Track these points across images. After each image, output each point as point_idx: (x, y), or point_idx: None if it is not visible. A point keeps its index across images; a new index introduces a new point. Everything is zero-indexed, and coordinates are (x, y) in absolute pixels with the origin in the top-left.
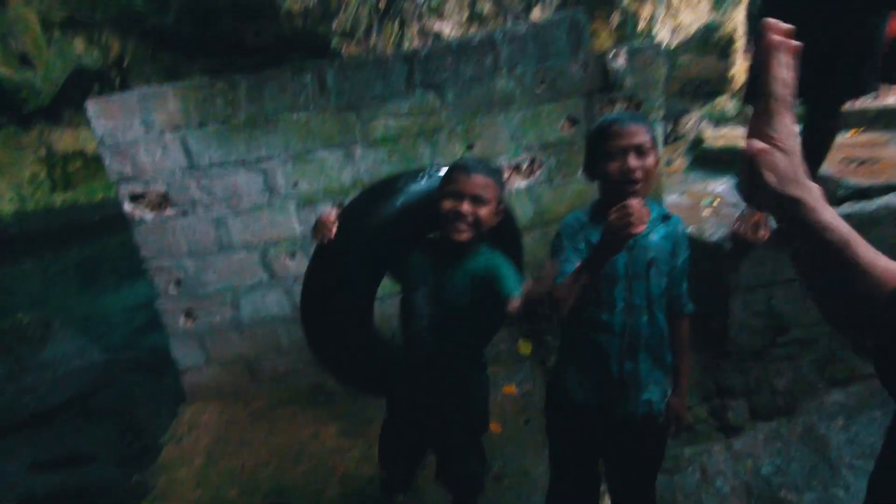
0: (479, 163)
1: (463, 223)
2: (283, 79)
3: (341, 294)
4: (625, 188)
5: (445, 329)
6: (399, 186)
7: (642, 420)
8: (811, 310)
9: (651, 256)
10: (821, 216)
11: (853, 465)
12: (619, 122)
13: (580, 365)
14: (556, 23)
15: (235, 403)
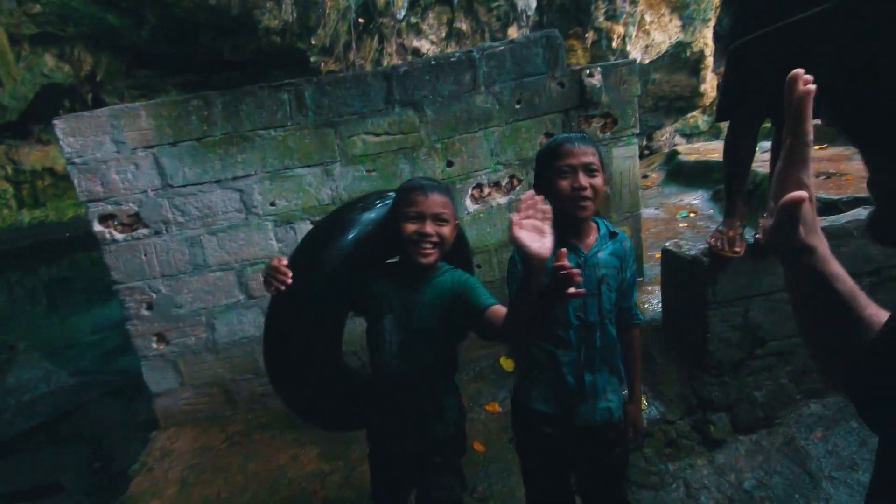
0: (433, 181)
1: (428, 245)
2: (259, 95)
3: (309, 340)
4: (576, 205)
5: (415, 353)
6: (351, 217)
7: (603, 427)
8: (787, 322)
9: (601, 273)
10: (833, 267)
11: (833, 476)
12: (569, 141)
13: (541, 377)
14: (534, 41)
15: (211, 428)
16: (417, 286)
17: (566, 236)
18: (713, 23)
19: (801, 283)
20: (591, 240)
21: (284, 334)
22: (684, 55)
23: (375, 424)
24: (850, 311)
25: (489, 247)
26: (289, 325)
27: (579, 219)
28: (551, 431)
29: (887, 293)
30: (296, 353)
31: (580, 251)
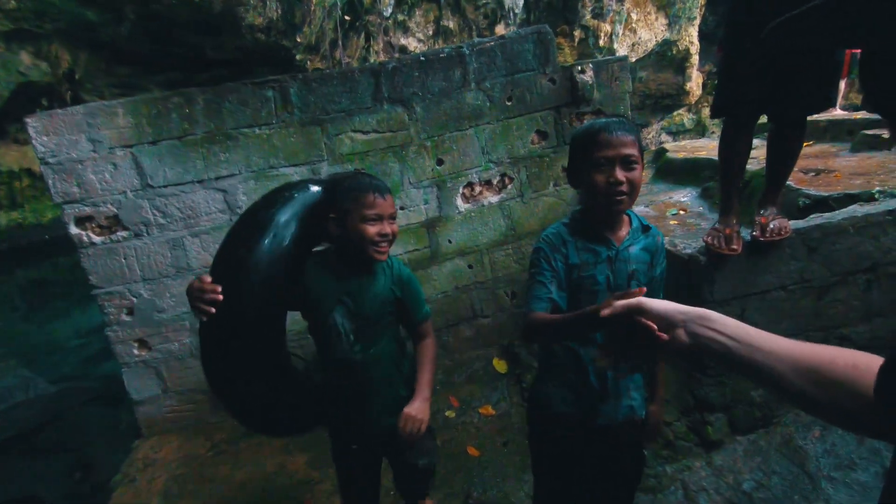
0: (382, 183)
1: (386, 244)
2: (243, 92)
3: (252, 355)
4: (611, 200)
5: (372, 337)
6: (270, 215)
7: (624, 424)
8: (783, 320)
9: (632, 269)
10: (753, 353)
11: (832, 476)
12: (608, 130)
13: (561, 377)
14: (524, 36)
15: (196, 437)
16: (361, 277)
17: (598, 228)
18: (698, 21)
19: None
20: (623, 233)
21: (225, 354)
22: (670, 53)
23: (343, 415)
24: (816, 379)
25: (480, 247)
26: (228, 343)
27: (613, 214)
28: (571, 434)
29: (883, 291)
30: (241, 370)
31: (612, 244)
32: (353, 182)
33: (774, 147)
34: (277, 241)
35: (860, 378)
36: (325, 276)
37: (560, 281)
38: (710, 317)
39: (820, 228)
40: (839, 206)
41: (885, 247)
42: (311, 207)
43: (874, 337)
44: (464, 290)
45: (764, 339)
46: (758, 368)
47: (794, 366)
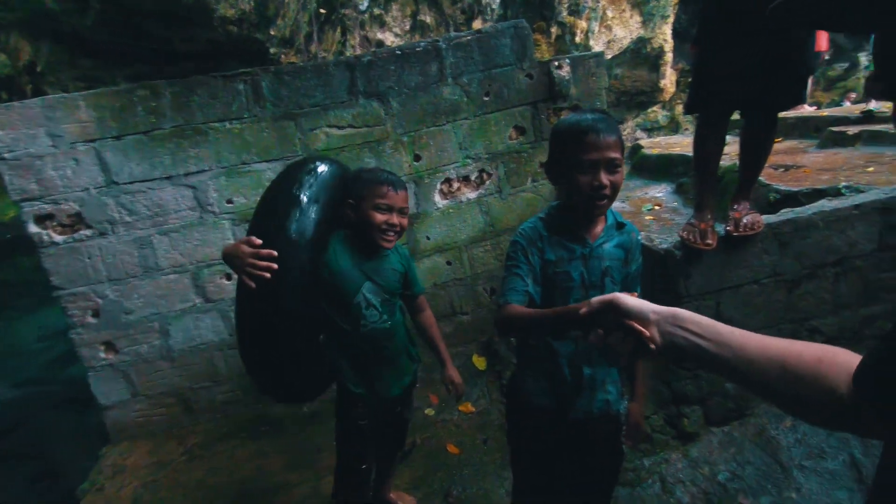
0: (399, 178)
1: (392, 233)
2: (213, 85)
3: (302, 322)
4: (592, 203)
5: (394, 309)
6: (303, 194)
7: (599, 417)
8: (757, 314)
9: (606, 265)
10: (721, 349)
11: (803, 465)
12: (594, 130)
13: (537, 369)
14: (501, 31)
15: (168, 441)
16: (376, 256)
17: (574, 226)
18: (672, 19)
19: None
20: (597, 230)
21: (274, 325)
22: (645, 51)
23: (368, 382)
24: (787, 378)
25: (459, 243)
26: (278, 313)
27: (592, 216)
28: (547, 425)
29: (850, 284)
30: (288, 342)
31: (586, 241)
32: (371, 173)
33: (747, 143)
34: (318, 215)
35: (825, 372)
36: (350, 254)
37: (536, 275)
38: (682, 316)
39: (791, 223)
40: (808, 201)
41: (852, 240)
42: (337, 186)
43: (842, 328)
44: (442, 286)
45: (735, 337)
46: (729, 366)
47: (763, 362)
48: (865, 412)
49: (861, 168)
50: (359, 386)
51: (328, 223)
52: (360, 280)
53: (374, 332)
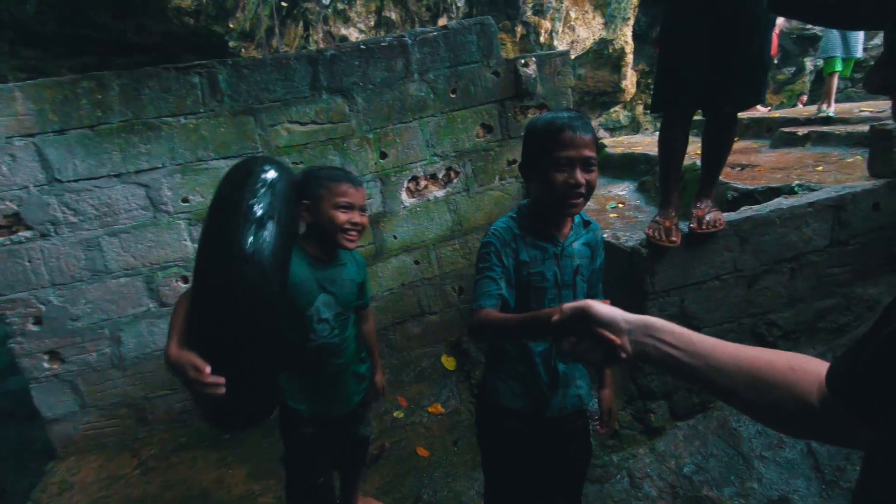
0: (356, 175)
1: (355, 232)
2: (165, 78)
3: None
4: (567, 202)
5: (347, 322)
6: (251, 203)
7: (574, 414)
8: (718, 309)
9: (577, 264)
10: (695, 359)
11: (763, 456)
12: (570, 128)
13: (510, 369)
14: (468, 27)
15: (120, 454)
16: (333, 264)
17: (545, 225)
18: (632, 21)
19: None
20: (566, 229)
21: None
22: (607, 52)
23: (309, 400)
24: (761, 388)
25: (427, 242)
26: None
27: (566, 215)
28: (520, 427)
29: (804, 279)
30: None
31: (557, 240)
32: (327, 171)
33: (708, 143)
34: (280, 231)
35: (797, 380)
36: (303, 264)
37: (509, 277)
38: (654, 325)
39: (750, 220)
40: (764, 199)
41: (807, 237)
42: (292, 194)
43: (798, 322)
44: (410, 286)
45: (706, 346)
46: (701, 375)
47: (735, 371)
48: (838, 414)
49: (811, 167)
50: (299, 402)
51: (291, 238)
52: (315, 292)
53: (322, 347)
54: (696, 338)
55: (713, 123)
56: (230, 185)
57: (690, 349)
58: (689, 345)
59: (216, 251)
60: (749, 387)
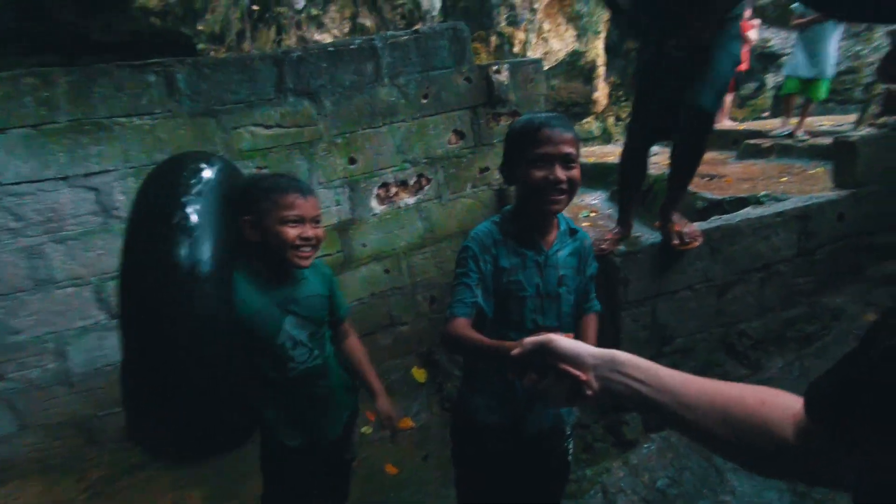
0: (304, 183)
1: (308, 248)
2: (118, 76)
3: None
4: (548, 199)
5: (322, 342)
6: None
7: (551, 432)
8: (690, 319)
9: (561, 274)
10: (660, 395)
11: (736, 468)
12: (548, 125)
13: (486, 385)
14: (440, 32)
15: (65, 478)
16: (296, 281)
17: (528, 230)
18: (604, 35)
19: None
20: (551, 237)
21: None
22: (579, 63)
23: (303, 433)
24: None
25: (397, 251)
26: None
27: (549, 214)
28: (498, 444)
29: (773, 288)
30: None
31: (541, 248)
32: (271, 181)
33: (676, 160)
34: (220, 238)
35: (769, 414)
36: (259, 287)
37: (486, 285)
38: (621, 360)
39: (720, 230)
40: (732, 209)
41: (776, 246)
42: (229, 192)
43: (767, 331)
44: (380, 296)
45: (675, 382)
46: (671, 412)
47: (705, 407)
48: (816, 445)
49: (776, 178)
50: (294, 437)
51: (233, 246)
52: (279, 316)
53: (307, 372)
54: (663, 372)
55: (681, 142)
56: (159, 186)
57: (658, 384)
58: (657, 380)
59: (146, 266)
60: (720, 423)
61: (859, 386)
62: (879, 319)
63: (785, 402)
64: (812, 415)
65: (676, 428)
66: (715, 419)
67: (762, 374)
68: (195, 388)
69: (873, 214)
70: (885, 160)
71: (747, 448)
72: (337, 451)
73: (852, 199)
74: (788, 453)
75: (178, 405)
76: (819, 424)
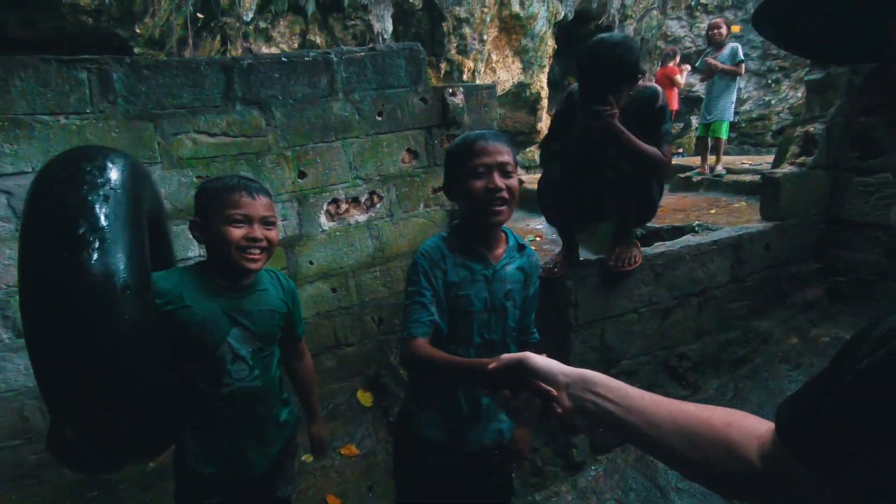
0: (255, 182)
1: (257, 250)
2: (44, 70)
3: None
4: (490, 209)
5: (268, 360)
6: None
7: (492, 448)
8: (635, 341)
9: (508, 288)
10: (636, 416)
11: (678, 487)
12: (482, 138)
13: (431, 399)
14: (396, 51)
15: None
16: (250, 291)
17: (475, 244)
18: (547, 69)
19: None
20: (500, 251)
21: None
22: (524, 95)
23: (220, 460)
24: (697, 445)
25: (346, 269)
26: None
27: (492, 224)
28: (439, 460)
29: (710, 313)
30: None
31: (489, 262)
32: (217, 181)
33: (617, 206)
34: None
35: (735, 436)
36: (208, 292)
37: (440, 300)
38: (593, 379)
39: (663, 255)
40: (669, 237)
41: (712, 272)
42: (143, 191)
43: (705, 354)
44: (326, 316)
45: (644, 402)
46: (639, 433)
47: (672, 428)
48: (782, 468)
49: (706, 209)
50: (209, 464)
51: (145, 247)
52: (226, 326)
53: (240, 392)
54: (633, 393)
55: (619, 189)
56: (57, 184)
57: (628, 405)
58: (627, 400)
59: (52, 279)
60: (686, 444)
61: (837, 402)
62: (850, 342)
63: (751, 425)
64: (783, 436)
65: (644, 448)
66: (681, 440)
67: (700, 395)
68: (113, 399)
69: (795, 245)
70: (804, 196)
71: (713, 469)
72: (263, 488)
73: (777, 230)
74: (752, 474)
75: (94, 413)
76: (790, 445)
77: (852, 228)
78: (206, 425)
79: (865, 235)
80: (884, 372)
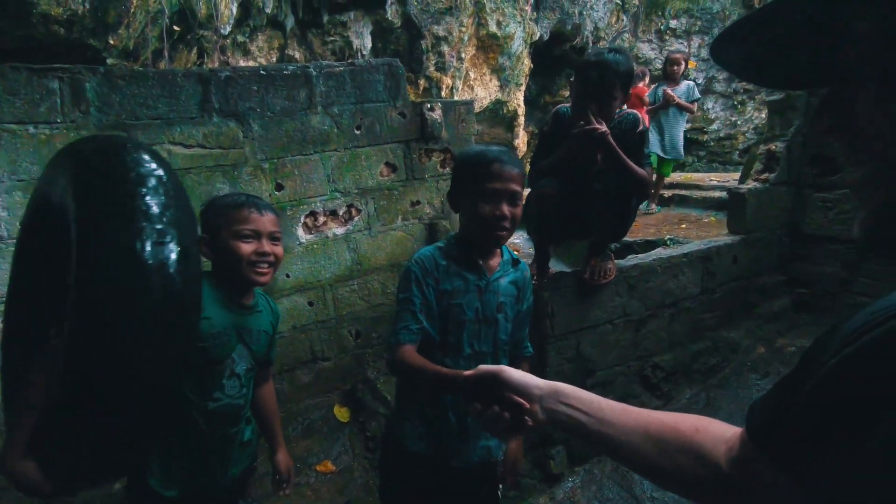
0: (262, 199)
1: (266, 265)
2: (13, 78)
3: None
4: (492, 234)
5: (248, 380)
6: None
7: (478, 466)
8: (610, 352)
9: (500, 301)
10: (606, 428)
11: (654, 497)
12: (499, 161)
13: (419, 413)
14: (375, 66)
15: None
16: (251, 311)
17: (472, 254)
18: (524, 87)
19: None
20: (494, 263)
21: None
22: (502, 112)
23: (183, 481)
24: (666, 452)
25: (323, 282)
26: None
27: (491, 246)
28: (424, 474)
29: (681, 324)
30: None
31: (483, 273)
32: (226, 198)
33: (598, 221)
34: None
35: (702, 442)
36: (222, 306)
37: (431, 309)
38: (565, 392)
39: (637, 267)
40: (642, 250)
41: (683, 284)
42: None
43: (677, 364)
44: (302, 330)
45: (615, 413)
46: (611, 443)
47: (642, 436)
48: (750, 471)
49: (676, 224)
50: (172, 486)
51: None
52: (233, 342)
53: (225, 409)
54: (604, 404)
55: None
56: (97, 177)
57: (599, 415)
58: (599, 411)
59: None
60: (656, 451)
61: (798, 410)
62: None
63: (718, 430)
64: (754, 436)
65: (618, 458)
66: (652, 448)
67: (673, 404)
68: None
69: (761, 257)
70: (768, 211)
71: (684, 476)
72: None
73: (744, 243)
74: (721, 479)
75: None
76: (760, 445)
77: (813, 242)
78: (179, 442)
79: (825, 248)
80: (837, 380)
